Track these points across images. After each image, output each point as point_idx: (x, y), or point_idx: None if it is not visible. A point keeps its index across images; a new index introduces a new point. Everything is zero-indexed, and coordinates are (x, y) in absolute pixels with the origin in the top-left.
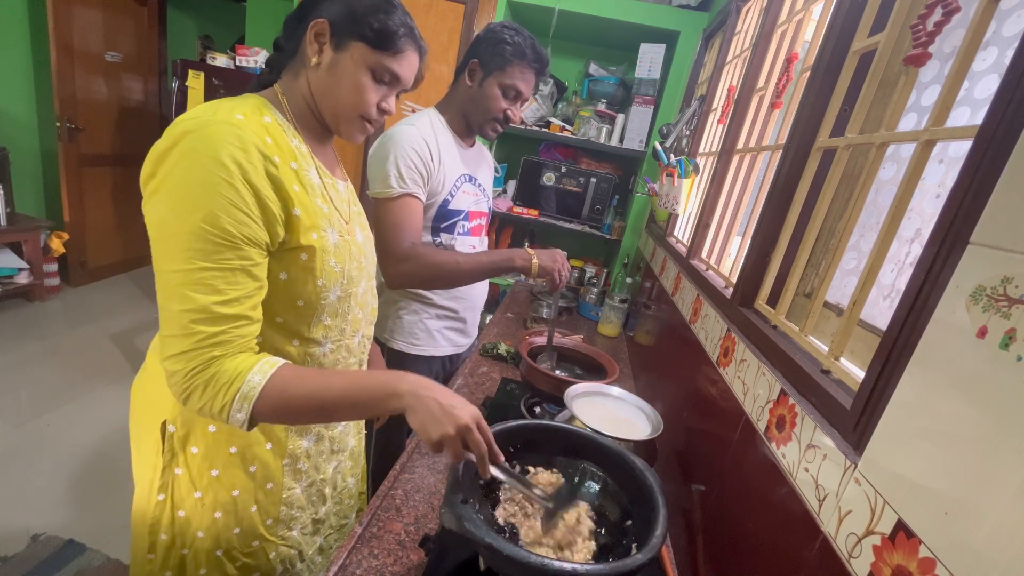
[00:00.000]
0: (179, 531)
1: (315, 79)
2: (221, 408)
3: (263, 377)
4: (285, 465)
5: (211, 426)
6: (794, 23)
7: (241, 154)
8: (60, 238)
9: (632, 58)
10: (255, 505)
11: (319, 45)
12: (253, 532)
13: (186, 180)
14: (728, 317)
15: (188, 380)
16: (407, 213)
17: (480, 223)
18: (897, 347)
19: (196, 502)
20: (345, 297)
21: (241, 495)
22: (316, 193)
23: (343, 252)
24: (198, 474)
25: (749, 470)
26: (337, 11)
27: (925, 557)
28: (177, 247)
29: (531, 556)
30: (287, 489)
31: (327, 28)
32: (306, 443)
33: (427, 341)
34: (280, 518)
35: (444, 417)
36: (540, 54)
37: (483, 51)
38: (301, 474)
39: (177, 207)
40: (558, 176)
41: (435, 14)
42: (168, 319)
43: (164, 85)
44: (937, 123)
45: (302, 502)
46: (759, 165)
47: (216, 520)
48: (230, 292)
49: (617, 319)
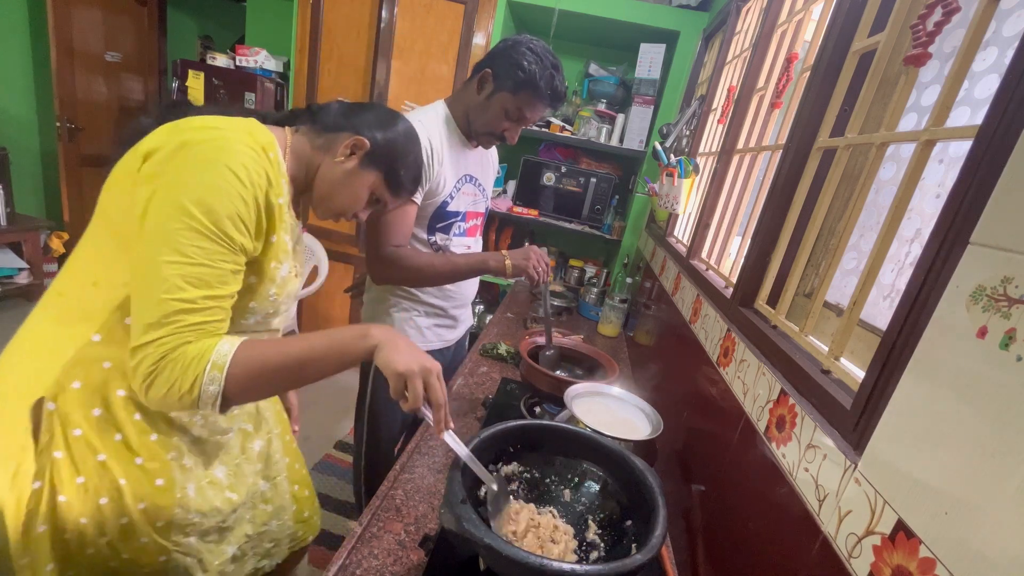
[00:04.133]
0: (60, 517)
1: (327, 169)
2: (192, 382)
3: (232, 346)
4: (171, 459)
5: (96, 410)
6: (794, 23)
7: (256, 175)
8: (60, 238)
9: (632, 58)
10: (143, 502)
11: (351, 152)
12: (141, 528)
13: (204, 183)
14: (728, 317)
15: (156, 364)
16: (397, 216)
17: (476, 223)
18: (897, 347)
19: (79, 488)
20: (263, 322)
21: (128, 486)
22: (287, 230)
23: (283, 287)
24: (81, 458)
25: (749, 470)
26: (381, 146)
27: (925, 557)
28: (179, 241)
29: (530, 556)
30: (180, 489)
31: (365, 150)
32: (189, 439)
33: (417, 338)
34: (174, 521)
35: (410, 354)
36: (555, 88)
37: (498, 65)
38: (189, 472)
39: (188, 207)
40: (558, 176)
41: (435, 14)
42: (149, 306)
43: (164, 85)
44: (937, 123)
45: (201, 507)
46: (759, 165)
47: (101, 507)
48: (219, 289)
49: (617, 319)
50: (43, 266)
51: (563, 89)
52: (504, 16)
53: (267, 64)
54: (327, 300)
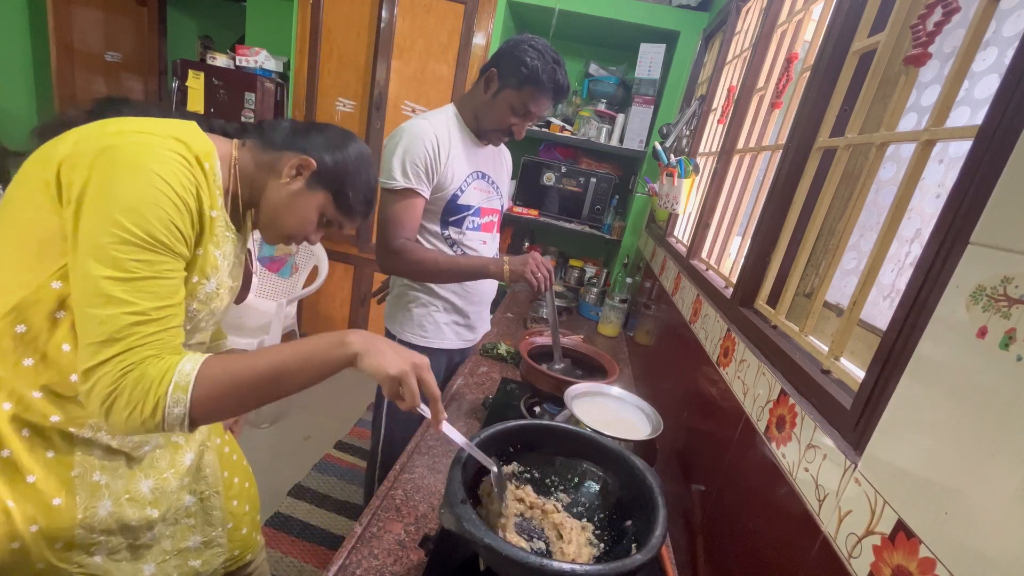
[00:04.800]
0: None
1: (274, 191)
2: (155, 406)
3: (195, 364)
4: (75, 476)
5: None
6: (794, 23)
7: (188, 184)
8: None
9: (632, 58)
10: (35, 524)
11: (296, 173)
12: (36, 554)
13: (134, 193)
14: (728, 317)
15: (114, 382)
16: (405, 209)
17: (492, 220)
18: (897, 347)
19: None
20: None
21: (17, 508)
22: (218, 244)
23: (206, 303)
24: None
25: (749, 470)
26: (329, 168)
27: (925, 557)
28: (118, 256)
29: (530, 556)
30: (85, 508)
31: (311, 170)
32: (98, 454)
33: (435, 334)
34: (75, 542)
35: (396, 355)
36: (558, 82)
37: (503, 64)
38: (101, 489)
39: (120, 217)
40: (558, 176)
41: (435, 14)
42: (97, 325)
43: (164, 85)
44: (937, 123)
45: (109, 525)
46: (759, 165)
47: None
48: (168, 299)
49: (617, 319)
50: None
51: (565, 82)
52: (504, 16)
53: (267, 64)
54: (327, 300)
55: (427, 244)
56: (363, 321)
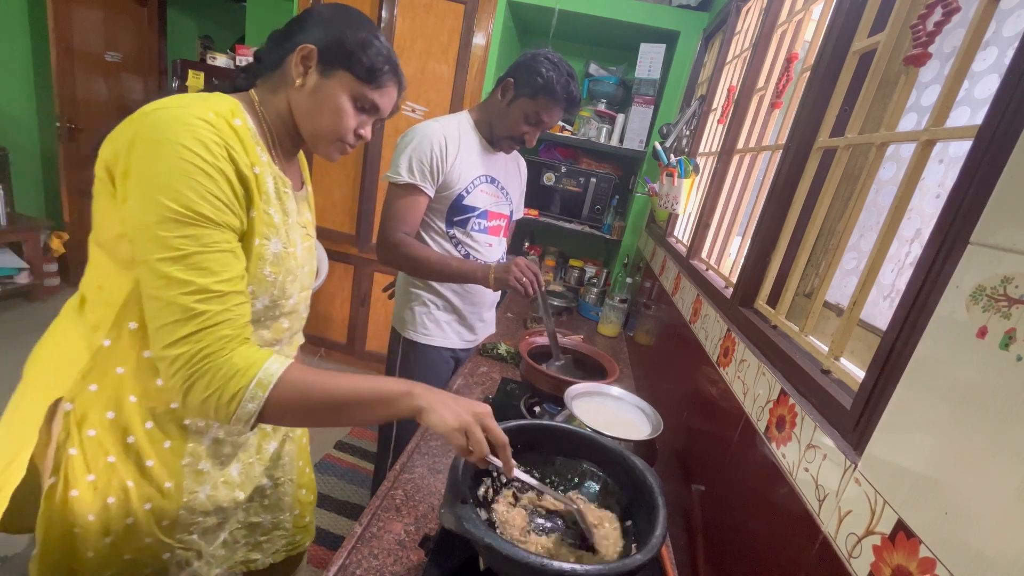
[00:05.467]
0: (71, 510)
1: (297, 100)
2: (232, 395)
3: (280, 366)
4: (185, 465)
5: (109, 413)
6: (794, 23)
7: (216, 147)
8: (60, 238)
9: (632, 58)
10: (150, 503)
11: (304, 68)
12: (146, 529)
13: (165, 169)
14: (728, 317)
15: (193, 366)
16: (407, 204)
17: (499, 224)
18: (897, 347)
19: (89, 485)
20: (272, 307)
21: (136, 488)
22: (270, 201)
23: (281, 264)
24: (93, 457)
25: (749, 470)
26: (326, 40)
27: (925, 557)
28: (165, 235)
29: (530, 556)
30: (189, 492)
31: (315, 55)
32: (206, 443)
33: (436, 332)
34: (179, 521)
35: (459, 407)
36: (571, 94)
37: (519, 74)
38: (204, 476)
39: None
40: (558, 176)
41: (435, 14)
42: (164, 307)
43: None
44: (937, 123)
45: (207, 507)
46: (759, 165)
47: (108, 506)
48: (224, 273)
49: (617, 319)
50: (43, 266)
51: (578, 95)
52: (504, 16)
53: None
54: (327, 300)
55: (432, 242)
56: (363, 321)
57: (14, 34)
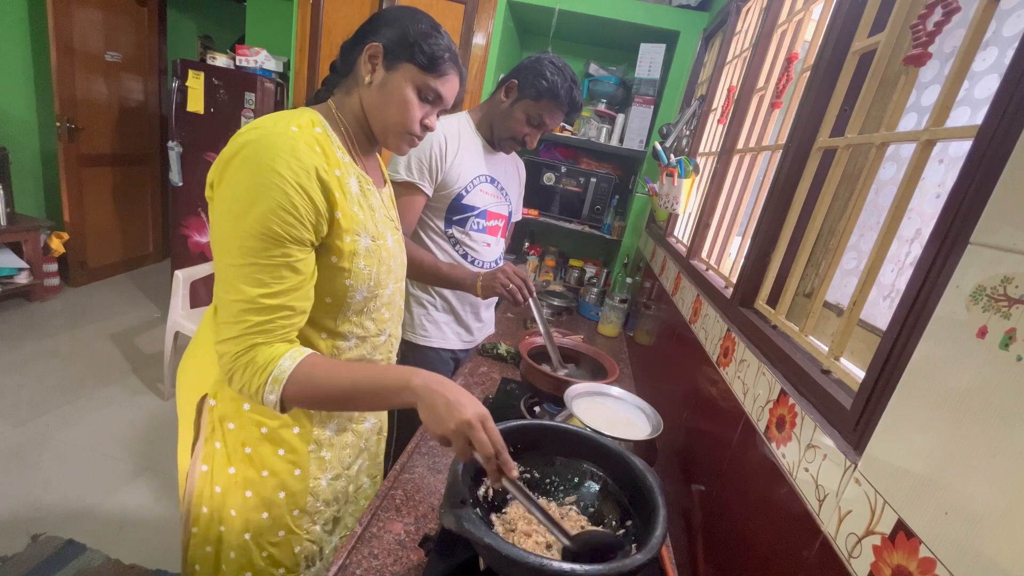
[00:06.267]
0: (216, 506)
1: (367, 96)
2: (257, 389)
3: (292, 363)
4: (311, 451)
5: (245, 404)
6: (794, 23)
7: (295, 161)
8: (60, 238)
9: (632, 58)
10: (283, 491)
11: (372, 66)
12: (280, 521)
13: (243, 185)
14: (728, 317)
15: (233, 361)
16: (405, 203)
17: (498, 224)
18: (897, 347)
19: (230, 478)
20: (371, 298)
21: (270, 477)
22: (354, 200)
23: (373, 256)
24: (233, 450)
25: (749, 470)
26: (390, 36)
27: (925, 557)
28: (232, 244)
29: (530, 556)
30: (313, 479)
31: (381, 51)
32: (329, 432)
33: (435, 333)
34: (307, 509)
35: (447, 413)
36: (573, 98)
37: (523, 76)
38: (325, 463)
39: (233, 209)
40: (558, 176)
41: (435, 14)
42: (223, 307)
43: (164, 85)
44: (937, 123)
45: (327, 495)
46: (759, 165)
47: (247, 499)
48: (275, 286)
49: (617, 319)
50: (43, 266)
51: (580, 101)
52: (504, 16)
53: (267, 64)
54: None
55: (429, 241)
56: None
57: (14, 34)
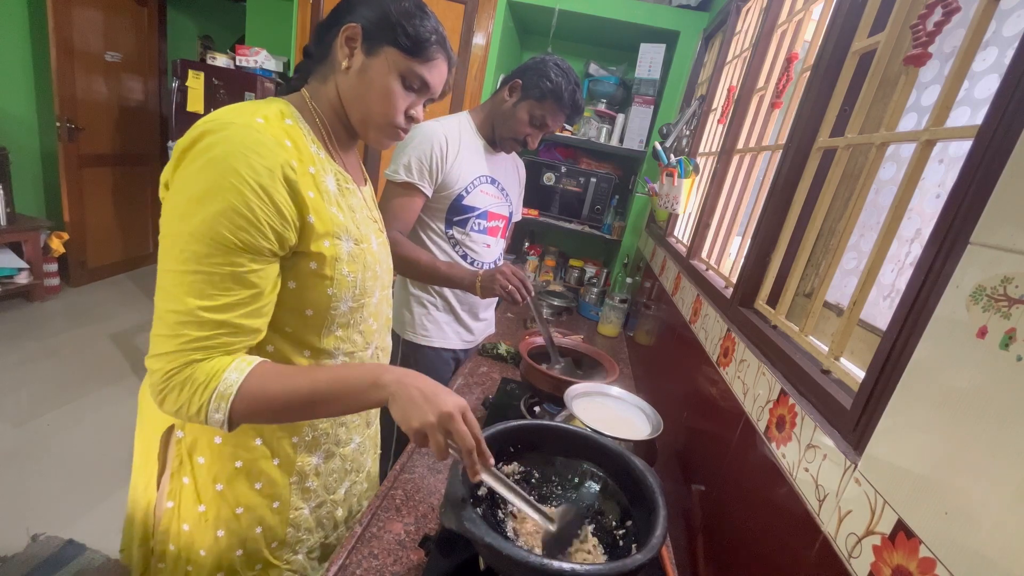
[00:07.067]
0: (184, 545)
1: (344, 84)
2: (199, 409)
3: (240, 375)
4: (293, 483)
5: (217, 437)
6: (794, 23)
7: (256, 159)
8: (60, 238)
9: (632, 58)
10: (260, 526)
11: (350, 49)
12: (257, 555)
13: (194, 182)
14: (728, 317)
15: (165, 381)
16: (404, 203)
17: (498, 224)
18: (897, 347)
19: (199, 516)
20: (357, 308)
21: (245, 513)
22: (332, 200)
23: (357, 261)
24: (203, 486)
25: (749, 470)
26: (370, 16)
27: (925, 557)
28: (175, 247)
29: (531, 556)
30: (294, 509)
31: (359, 32)
32: (315, 460)
33: (436, 333)
34: (286, 540)
35: (425, 404)
36: (576, 101)
37: (528, 76)
38: (310, 493)
39: (181, 208)
40: (558, 176)
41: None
42: (159, 318)
43: (164, 85)
44: (937, 123)
45: (311, 524)
46: (759, 165)
47: (218, 539)
48: (219, 299)
49: (617, 319)
50: (43, 266)
51: (582, 104)
52: (504, 16)
53: (267, 64)
54: None
55: (429, 242)
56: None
57: (14, 34)
